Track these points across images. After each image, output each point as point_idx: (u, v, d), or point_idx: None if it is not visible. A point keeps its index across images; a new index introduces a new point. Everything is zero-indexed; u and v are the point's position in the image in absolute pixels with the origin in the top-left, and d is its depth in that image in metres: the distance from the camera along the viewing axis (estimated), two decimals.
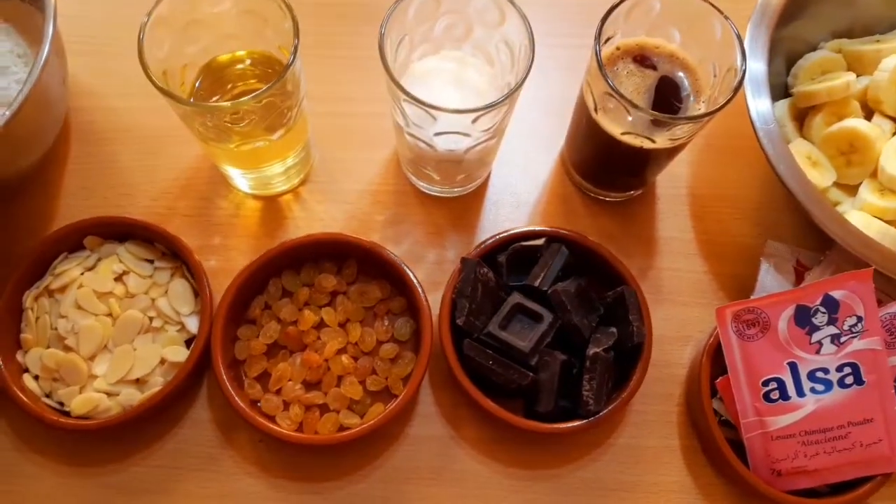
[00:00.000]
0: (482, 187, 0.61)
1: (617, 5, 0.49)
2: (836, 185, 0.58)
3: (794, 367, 0.50)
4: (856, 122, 0.57)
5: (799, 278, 0.55)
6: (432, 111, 0.46)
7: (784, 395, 0.50)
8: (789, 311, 0.50)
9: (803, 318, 0.50)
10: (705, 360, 0.52)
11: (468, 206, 0.60)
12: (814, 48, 0.63)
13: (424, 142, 0.51)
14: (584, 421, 0.50)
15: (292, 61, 0.46)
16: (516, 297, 0.52)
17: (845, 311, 0.50)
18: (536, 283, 0.52)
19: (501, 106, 0.47)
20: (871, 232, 0.53)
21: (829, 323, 0.50)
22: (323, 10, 0.66)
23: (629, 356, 0.52)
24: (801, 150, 0.57)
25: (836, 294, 0.50)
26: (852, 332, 0.50)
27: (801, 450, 0.50)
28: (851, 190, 0.58)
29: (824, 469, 0.50)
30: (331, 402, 0.52)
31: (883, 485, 0.50)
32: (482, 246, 0.55)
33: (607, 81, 0.47)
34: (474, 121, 0.47)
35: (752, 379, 0.50)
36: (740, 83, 0.47)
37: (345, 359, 0.53)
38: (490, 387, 0.51)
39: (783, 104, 0.61)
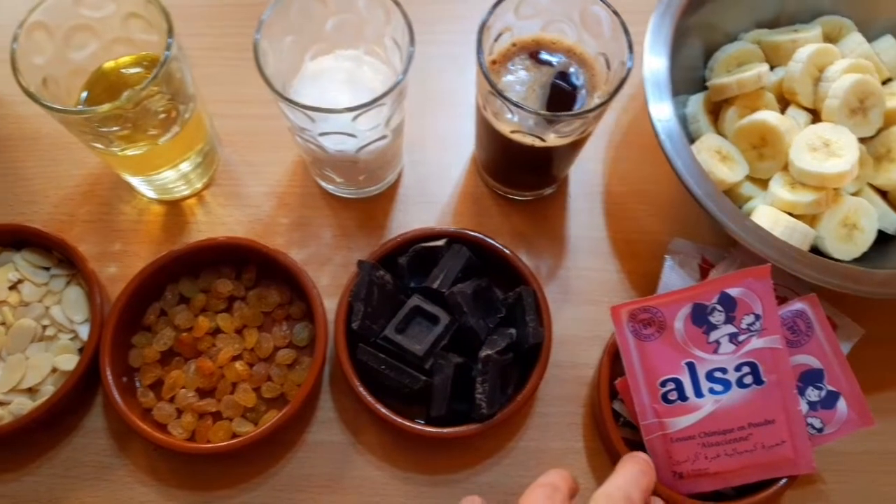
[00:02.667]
0: (392, 188, 0.60)
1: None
2: (751, 179, 0.57)
3: (691, 367, 0.49)
4: (765, 115, 0.55)
5: (704, 276, 0.54)
6: (309, 112, 0.45)
7: (682, 396, 0.48)
8: (686, 310, 0.49)
9: (700, 316, 0.49)
10: (605, 361, 0.51)
11: (377, 207, 0.59)
12: (734, 40, 0.62)
13: (313, 143, 0.50)
14: (477, 425, 0.49)
15: (164, 61, 0.46)
16: (415, 300, 0.51)
17: (743, 309, 0.48)
18: (435, 285, 0.51)
19: (379, 105, 0.46)
20: (779, 227, 0.52)
21: (726, 321, 0.48)
22: (233, 13, 0.65)
23: (531, 358, 0.51)
24: (710, 144, 0.56)
25: (733, 292, 0.48)
26: (750, 331, 0.48)
27: (702, 452, 0.48)
28: (765, 184, 0.57)
29: (726, 471, 0.48)
30: (224, 410, 0.51)
31: (788, 487, 0.48)
32: (381, 248, 0.54)
33: (487, 79, 0.46)
34: (354, 119, 0.46)
35: (650, 380, 0.49)
36: (625, 78, 0.46)
37: (239, 365, 0.52)
38: (389, 391, 0.51)
39: (698, 98, 0.60)
